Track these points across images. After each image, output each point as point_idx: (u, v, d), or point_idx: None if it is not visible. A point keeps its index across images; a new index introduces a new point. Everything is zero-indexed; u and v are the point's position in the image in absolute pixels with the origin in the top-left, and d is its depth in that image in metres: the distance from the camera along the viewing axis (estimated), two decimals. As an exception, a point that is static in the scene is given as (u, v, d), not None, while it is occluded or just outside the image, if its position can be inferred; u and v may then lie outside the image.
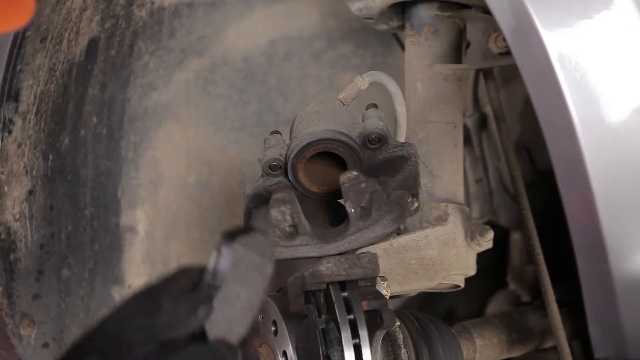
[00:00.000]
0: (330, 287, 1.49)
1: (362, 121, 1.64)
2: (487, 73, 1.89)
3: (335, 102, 1.70)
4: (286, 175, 1.65)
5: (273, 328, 1.54)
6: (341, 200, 1.56)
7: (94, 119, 2.18)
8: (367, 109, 1.67)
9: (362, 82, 1.66)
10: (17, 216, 2.06)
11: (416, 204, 1.53)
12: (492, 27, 1.75)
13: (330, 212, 1.65)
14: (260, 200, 1.65)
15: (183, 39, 2.25)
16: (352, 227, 1.52)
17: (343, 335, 1.44)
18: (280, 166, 1.65)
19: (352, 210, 1.50)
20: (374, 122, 1.61)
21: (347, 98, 1.65)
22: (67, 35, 2.03)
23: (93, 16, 2.06)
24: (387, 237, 1.56)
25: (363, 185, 1.49)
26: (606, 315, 1.31)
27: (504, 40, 1.73)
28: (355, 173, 1.50)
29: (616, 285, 1.27)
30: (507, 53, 1.74)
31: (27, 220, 2.07)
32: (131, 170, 2.26)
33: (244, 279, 1.11)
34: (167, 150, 2.29)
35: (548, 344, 2.05)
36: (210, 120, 2.33)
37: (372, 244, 1.55)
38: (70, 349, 1.13)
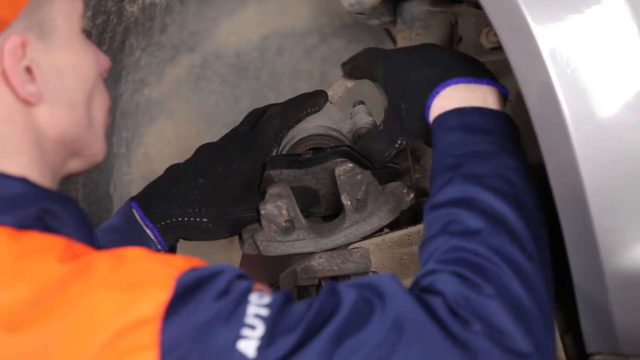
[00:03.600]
0: (322, 282, 1.49)
1: (351, 117, 1.65)
2: (479, 68, 1.89)
3: (325, 99, 1.70)
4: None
5: (265, 324, 1.54)
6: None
7: (86, 115, 2.18)
8: (354, 105, 1.68)
9: (348, 80, 1.65)
10: (9, 212, 2.05)
11: (412, 195, 1.53)
12: (484, 22, 1.75)
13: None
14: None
15: (175, 35, 2.24)
16: (348, 219, 1.52)
17: (335, 330, 1.44)
18: (273, 162, 1.65)
19: (348, 202, 1.50)
20: (363, 118, 1.62)
21: (334, 96, 1.65)
22: (58, 31, 2.02)
23: (84, 12, 2.06)
24: (379, 231, 1.56)
25: (359, 177, 1.49)
26: (598, 309, 1.31)
27: (496, 35, 1.72)
28: (350, 165, 1.49)
29: (608, 280, 1.27)
30: (499, 48, 1.74)
31: (19, 217, 2.06)
32: (123, 166, 2.26)
33: None
34: (159, 147, 2.28)
35: (540, 339, 2.04)
36: (202, 116, 2.33)
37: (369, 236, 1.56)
38: None
